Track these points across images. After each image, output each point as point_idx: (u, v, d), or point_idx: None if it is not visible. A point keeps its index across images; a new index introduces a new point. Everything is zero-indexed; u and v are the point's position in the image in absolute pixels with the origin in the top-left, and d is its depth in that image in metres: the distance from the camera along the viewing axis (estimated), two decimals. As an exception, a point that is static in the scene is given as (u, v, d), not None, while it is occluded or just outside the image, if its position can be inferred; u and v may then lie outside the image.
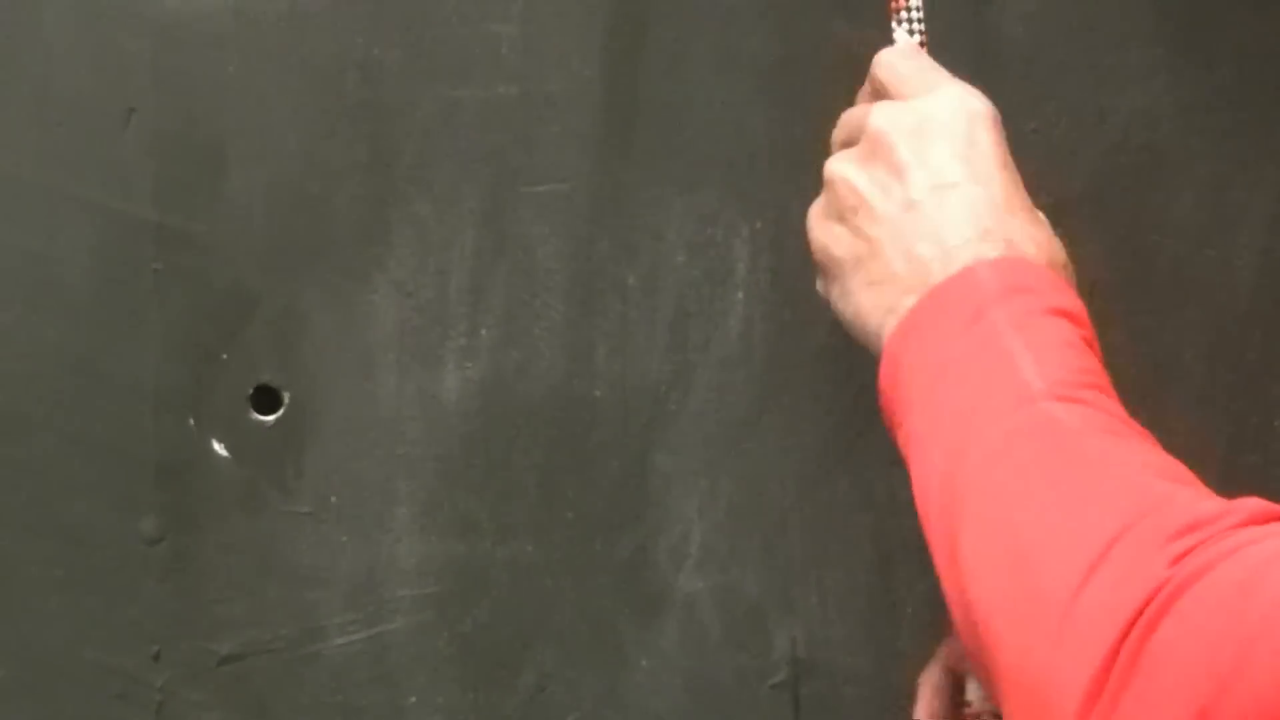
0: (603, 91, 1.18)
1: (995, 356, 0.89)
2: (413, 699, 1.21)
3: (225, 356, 1.18)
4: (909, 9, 1.07)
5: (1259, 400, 1.22)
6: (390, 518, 1.20)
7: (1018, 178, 1.00)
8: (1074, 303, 0.95)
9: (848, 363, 1.15)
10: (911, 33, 1.06)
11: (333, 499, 1.19)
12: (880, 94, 1.04)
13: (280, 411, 1.19)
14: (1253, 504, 0.80)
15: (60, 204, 1.16)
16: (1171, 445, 1.21)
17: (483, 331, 1.19)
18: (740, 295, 1.20)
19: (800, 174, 1.18)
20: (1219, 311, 1.22)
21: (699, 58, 1.18)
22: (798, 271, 1.19)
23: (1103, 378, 0.92)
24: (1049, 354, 0.89)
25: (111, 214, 1.16)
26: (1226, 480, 1.21)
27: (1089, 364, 0.92)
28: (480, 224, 1.18)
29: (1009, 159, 1.00)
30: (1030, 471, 0.84)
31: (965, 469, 0.86)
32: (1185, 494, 0.81)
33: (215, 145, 1.17)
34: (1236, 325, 1.22)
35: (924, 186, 0.97)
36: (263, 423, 1.19)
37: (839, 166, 1.01)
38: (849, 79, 1.17)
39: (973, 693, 1.10)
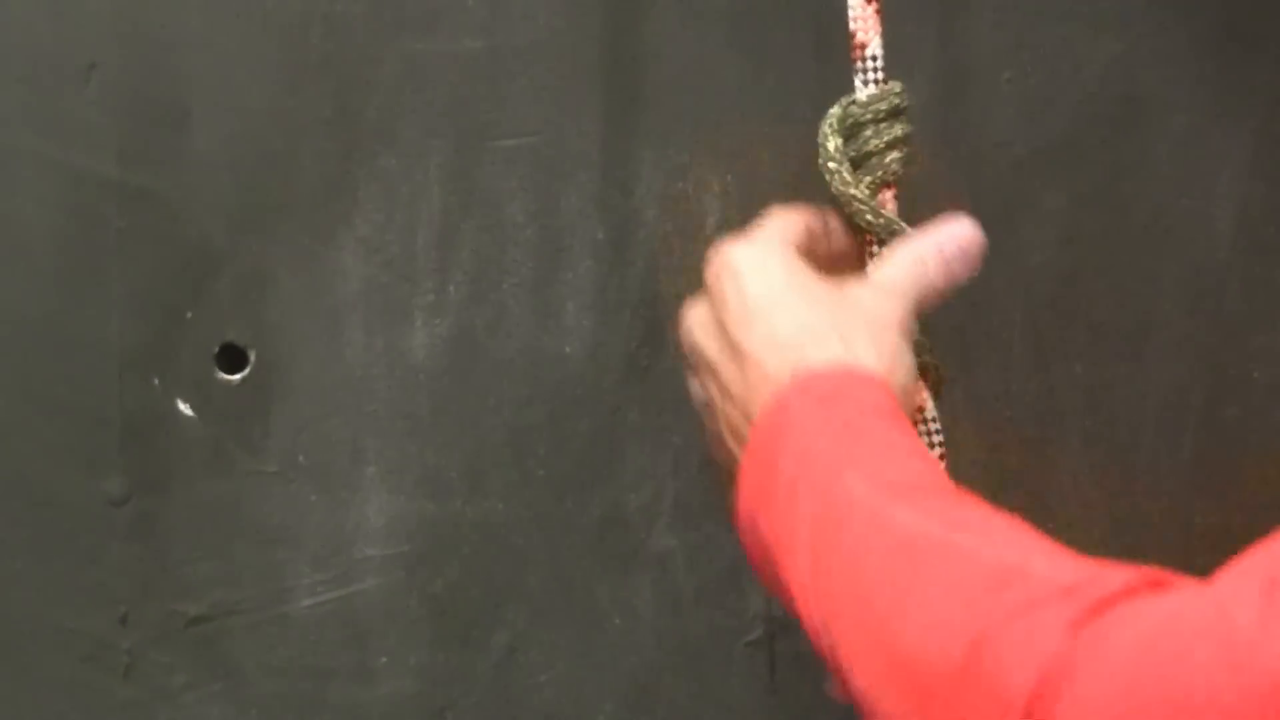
0: (570, 44, 1.17)
1: (822, 472, 0.89)
2: (384, 660, 1.20)
3: (190, 315, 1.17)
4: (866, 59, 1.06)
5: (1238, 352, 1.21)
6: (359, 477, 1.19)
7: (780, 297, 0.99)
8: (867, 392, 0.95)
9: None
10: (867, 82, 1.05)
11: (300, 458, 1.18)
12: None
13: (246, 370, 1.18)
14: (1125, 573, 0.79)
15: (20, 162, 1.15)
16: (1150, 398, 1.21)
17: (451, 288, 1.18)
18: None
19: (770, 126, 1.17)
20: (1197, 262, 1.21)
21: (667, 9, 1.17)
22: (769, 225, 1.18)
23: (931, 464, 0.91)
24: (869, 458, 0.89)
25: (73, 172, 1.15)
26: (1206, 433, 1.22)
27: (914, 459, 0.91)
28: (447, 179, 1.17)
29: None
30: (884, 573, 0.84)
31: (825, 581, 0.86)
32: (1040, 562, 0.80)
33: (178, 101, 1.15)
34: (1215, 275, 1.21)
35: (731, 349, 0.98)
36: (229, 382, 1.18)
37: (688, 330, 1.03)
38: (818, 30, 1.16)
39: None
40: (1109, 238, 1.20)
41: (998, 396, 1.21)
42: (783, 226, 1.03)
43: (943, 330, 1.15)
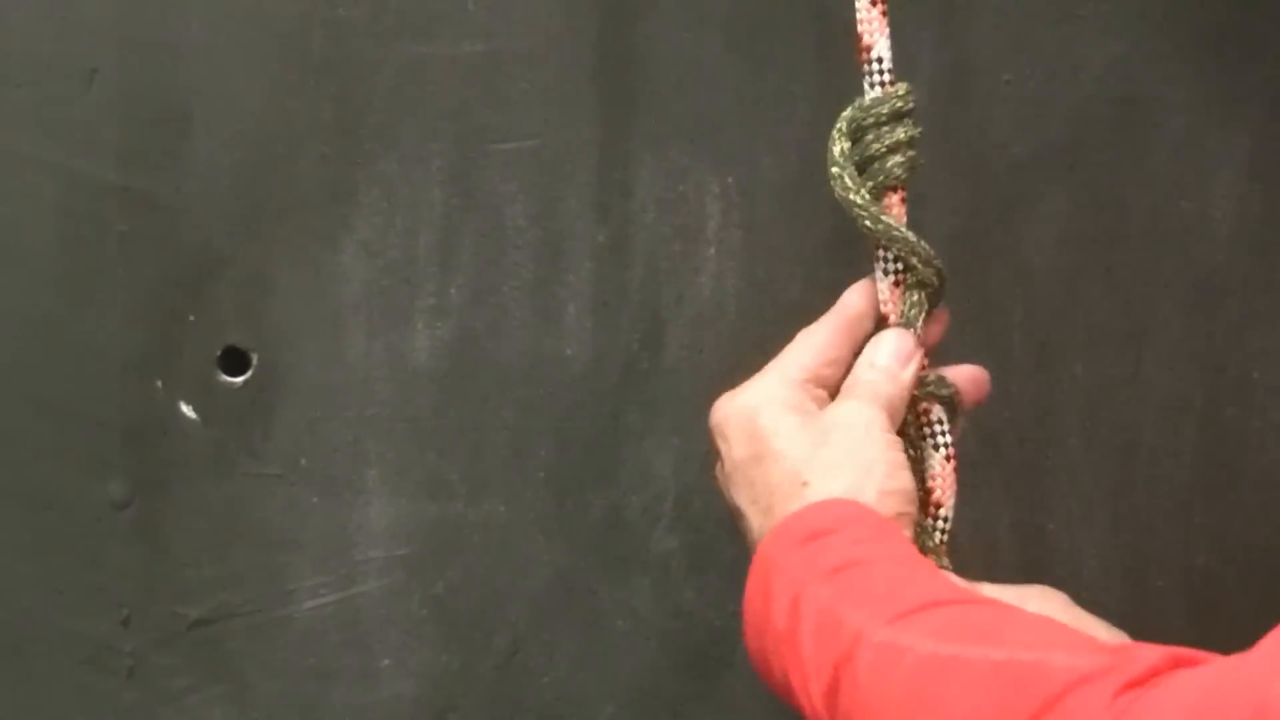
0: (570, 48, 1.17)
1: (816, 613, 0.91)
2: (385, 662, 1.20)
3: (192, 318, 1.17)
4: (872, 61, 1.06)
5: (1237, 352, 1.21)
6: (360, 479, 1.19)
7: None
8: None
9: (820, 317, 1.13)
10: (874, 85, 1.05)
11: (302, 461, 1.18)
12: None
13: (248, 373, 1.18)
14: (1150, 654, 0.79)
15: (23, 166, 1.15)
16: (1150, 399, 1.21)
17: (452, 291, 1.18)
18: (711, 251, 1.19)
19: (770, 129, 1.18)
20: (1196, 263, 1.21)
21: (667, 13, 1.17)
22: (769, 227, 1.18)
23: (921, 572, 0.92)
24: (862, 590, 0.90)
25: (75, 176, 1.15)
26: (1206, 433, 1.22)
27: (903, 576, 0.92)
28: (448, 182, 1.17)
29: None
30: (907, 702, 0.85)
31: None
32: (1059, 655, 0.81)
33: (179, 106, 1.16)
34: (1214, 276, 1.21)
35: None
36: (231, 385, 1.18)
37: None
38: (817, 34, 1.16)
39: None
40: (1108, 239, 1.20)
41: (998, 397, 1.20)
42: (788, 360, 1.04)
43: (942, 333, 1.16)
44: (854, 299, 1.05)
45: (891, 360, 1.03)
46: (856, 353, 1.04)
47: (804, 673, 0.89)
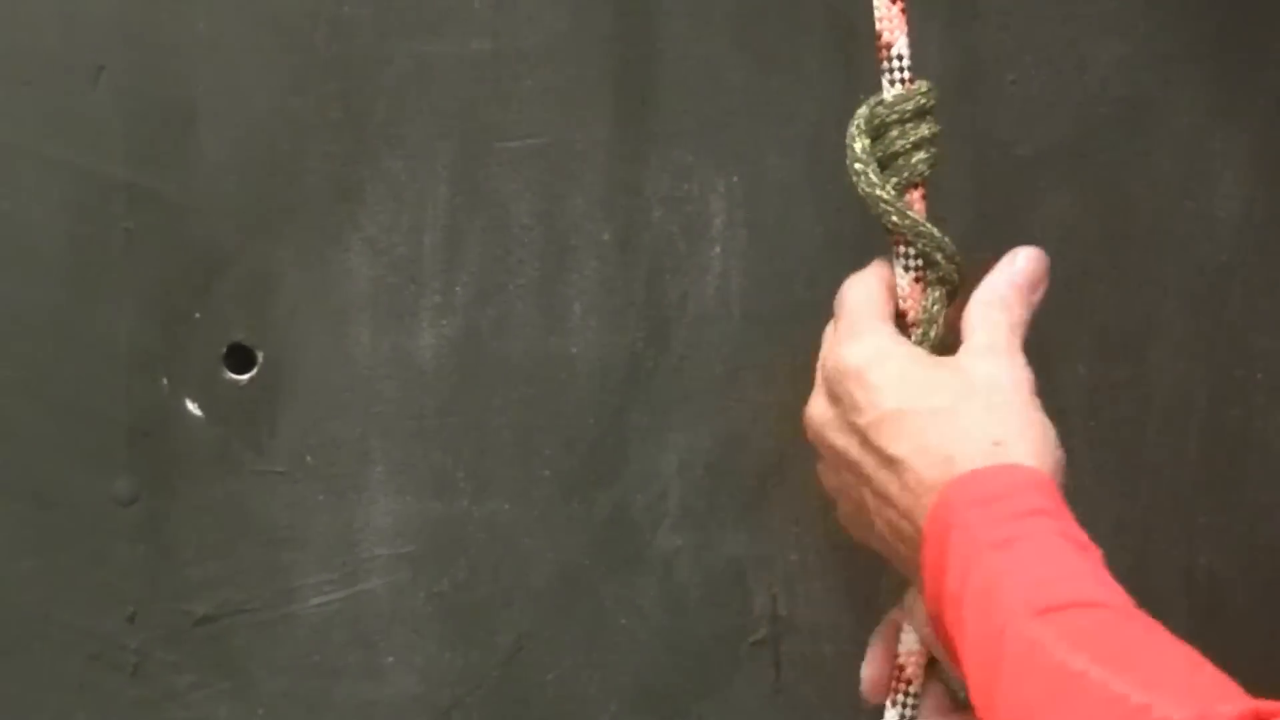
0: (577, 46, 1.17)
1: (981, 583, 0.93)
2: (390, 659, 1.20)
3: (198, 315, 1.17)
4: (892, 58, 1.06)
5: (1241, 353, 1.22)
6: (365, 477, 1.19)
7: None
8: (1045, 498, 0.97)
9: (825, 317, 1.13)
10: (894, 82, 1.06)
11: (307, 458, 1.19)
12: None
13: (254, 371, 1.18)
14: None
15: (29, 163, 1.15)
16: (1154, 400, 1.21)
17: (457, 289, 1.18)
18: (717, 250, 1.19)
19: (776, 127, 1.18)
20: (1201, 264, 1.21)
21: (674, 11, 1.17)
22: (774, 226, 1.18)
23: (1084, 564, 0.94)
24: (1025, 570, 0.92)
25: (81, 173, 1.16)
26: (1210, 435, 1.22)
27: (1067, 564, 0.94)
28: (454, 180, 1.17)
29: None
30: (1035, 705, 0.87)
31: (989, 700, 0.90)
32: (1164, 702, 0.83)
33: (186, 103, 1.16)
34: (1219, 277, 1.21)
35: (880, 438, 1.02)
36: (236, 382, 1.18)
37: (819, 429, 1.07)
38: (824, 30, 1.16)
39: (905, 644, 1.10)
40: (1112, 239, 1.20)
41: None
42: (867, 301, 1.05)
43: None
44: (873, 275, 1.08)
45: (1017, 294, 1.06)
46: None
47: (966, 642, 0.92)
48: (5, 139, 1.15)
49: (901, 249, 1.07)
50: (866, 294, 1.07)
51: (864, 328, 1.05)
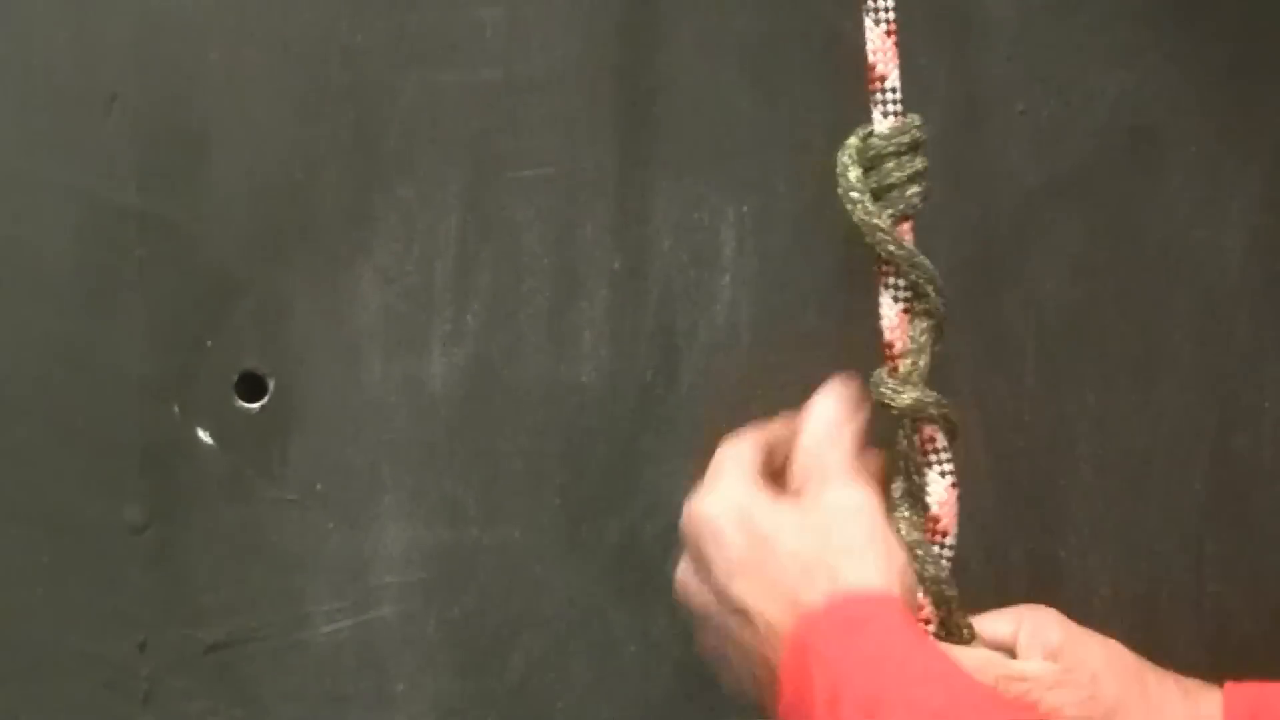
0: (587, 75, 1.17)
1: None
2: (401, 686, 1.21)
3: (210, 343, 1.17)
4: (885, 90, 1.07)
5: (1249, 381, 1.22)
6: (376, 504, 1.19)
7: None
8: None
9: (835, 346, 1.14)
10: (886, 114, 1.06)
11: (318, 486, 1.19)
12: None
13: (265, 398, 1.18)
14: None
15: (43, 191, 1.16)
16: (1162, 427, 1.22)
17: (468, 317, 1.18)
18: (727, 279, 1.19)
19: (786, 156, 1.18)
20: (1208, 292, 1.21)
21: (683, 39, 1.17)
22: (784, 254, 1.19)
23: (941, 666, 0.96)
24: (898, 689, 0.93)
25: (94, 200, 1.16)
26: (1217, 462, 1.22)
27: (927, 671, 0.95)
28: (465, 209, 1.18)
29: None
30: None
31: None
32: None
33: (198, 131, 1.16)
34: (1226, 306, 1.21)
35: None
36: (248, 410, 1.18)
37: (685, 596, 1.07)
38: (834, 59, 1.16)
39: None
40: (1121, 268, 1.21)
41: (1010, 426, 1.21)
42: (734, 457, 1.06)
43: (955, 361, 1.16)
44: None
45: (840, 428, 1.06)
46: None
47: None
48: (18, 166, 1.16)
49: (891, 280, 1.07)
50: (735, 451, 1.08)
51: (720, 480, 1.06)
